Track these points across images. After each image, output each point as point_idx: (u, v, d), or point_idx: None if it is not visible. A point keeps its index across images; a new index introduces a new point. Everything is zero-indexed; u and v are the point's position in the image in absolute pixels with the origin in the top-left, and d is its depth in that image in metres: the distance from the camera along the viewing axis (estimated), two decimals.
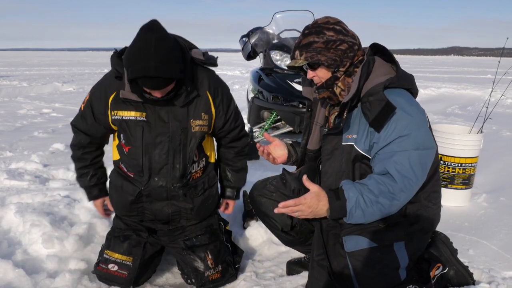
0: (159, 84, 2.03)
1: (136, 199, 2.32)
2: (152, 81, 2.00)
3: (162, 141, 2.25)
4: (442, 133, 3.69)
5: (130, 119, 2.23)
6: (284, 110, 4.96)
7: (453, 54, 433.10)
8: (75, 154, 2.47)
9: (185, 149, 2.28)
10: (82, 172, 2.49)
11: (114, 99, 2.24)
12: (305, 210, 1.91)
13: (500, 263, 2.71)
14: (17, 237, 2.77)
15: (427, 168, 1.91)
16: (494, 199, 3.85)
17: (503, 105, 10.59)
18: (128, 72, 2.03)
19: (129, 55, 2.00)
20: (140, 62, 1.95)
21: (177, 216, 2.39)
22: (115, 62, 2.20)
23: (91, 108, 2.31)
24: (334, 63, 1.95)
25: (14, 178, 3.90)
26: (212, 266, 2.42)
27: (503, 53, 4.46)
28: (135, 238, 2.41)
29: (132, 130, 2.24)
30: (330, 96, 2.04)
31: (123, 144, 2.30)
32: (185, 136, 2.27)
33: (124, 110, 2.23)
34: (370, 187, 1.85)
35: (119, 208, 2.44)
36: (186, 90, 2.19)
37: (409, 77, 2.01)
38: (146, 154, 2.25)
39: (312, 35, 1.97)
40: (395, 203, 1.85)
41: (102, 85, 2.30)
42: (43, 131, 6.66)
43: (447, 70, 31.37)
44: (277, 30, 5.73)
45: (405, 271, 1.95)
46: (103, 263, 2.39)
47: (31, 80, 16.18)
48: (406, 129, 1.84)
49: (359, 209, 1.85)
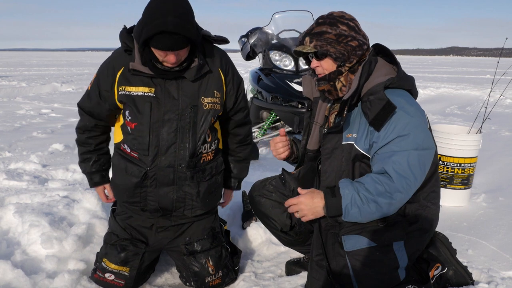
0: (177, 43, 1.95)
1: (140, 182, 2.21)
2: (171, 38, 1.92)
3: (170, 118, 2.16)
4: (441, 133, 3.69)
5: (138, 95, 2.15)
6: (283, 110, 4.96)
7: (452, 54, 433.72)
8: (79, 137, 2.40)
9: (195, 127, 2.20)
10: (85, 157, 2.42)
11: (122, 74, 2.18)
12: (303, 209, 1.96)
13: (499, 263, 2.71)
14: (16, 237, 2.77)
15: (426, 168, 1.91)
16: (493, 199, 3.86)
17: (502, 105, 10.62)
18: (144, 32, 1.95)
19: (145, 15, 1.96)
20: (158, 18, 1.90)
21: (181, 204, 2.28)
22: (125, 36, 2.17)
23: (98, 85, 2.25)
24: (342, 57, 1.96)
25: (13, 179, 3.89)
26: (212, 272, 2.39)
27: (502, 53, 4.47)
28: (133, 250, 2.33)
29: (139, 106, 2.16)
30: (330, 90, 2.05)
31: (128, 122, 2.20)
32: (195, 114, 2.19)
33: (132, 86, 2.16)
34: (366, 185, 1.86)
35: (121, 193, 2.34)
36: (198, 64, 2.14)
37: (409, 79, 2.02)
38: (153, 132, 2.16)
39: (326, 25, 1.98)
40: (392, 202, 1.85)
41: (110, 62, 2.24)
42: (42, 131, 6.66)
43: (446, 70, 31.41)
44: (276, 30, 5.74)
45: (404, 271, 1.95)
46: (100, 271, 2.34)
47: (30, 81, 16.17)
48: (406, 129, 1.84)
49: (355, 207, 1.85)
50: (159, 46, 1.97)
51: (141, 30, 1.97)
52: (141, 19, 2.01)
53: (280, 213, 2.36)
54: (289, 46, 5.43)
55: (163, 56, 2.03)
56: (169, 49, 1.98)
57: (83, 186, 3.64)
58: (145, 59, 2.08)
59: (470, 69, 35.41)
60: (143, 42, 1.99)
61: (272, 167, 4.69)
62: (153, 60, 2.08)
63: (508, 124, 7.84)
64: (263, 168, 4.48)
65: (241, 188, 2.73)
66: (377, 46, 2.06)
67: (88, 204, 3.07)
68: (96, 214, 2.99)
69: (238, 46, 5.82)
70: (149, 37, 1.94)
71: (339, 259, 1.96)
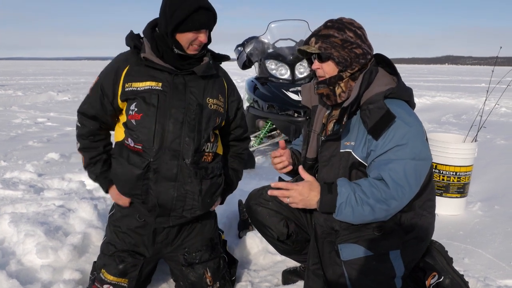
0: (212, 18, 2.11)
1: (143, 174, 2.15)
2: (207, 14, 2.08)
3: (176, 112, 2.16)
4: (436, 142, 3.70)
5: (145, 89, 2.15)
6: (279, 119, 4.96)
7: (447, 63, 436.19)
8: (84, 144, 2.32)
9: (200, 125, 2.20)
10: (94, 160, 2.33)
11: (127, 72, 2.18)
12: (296, 197, 1.95)
13: (495, 271, 2.72)
14: (11, 247, 2.75)
15: (422, 178, 1.92)
16: (489, 208, 3.86)
17: (497, 113, 10.67)
18: (175, 16, 2.05)
19: (170, 2, 2.07)
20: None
21: (181, 203, 2.21)
22: (132, 36, 2.24)
23: (101, 88, 2.22)
24: (344, 62, 1.97)
25: (9, 188, 3.88)
26: (210, 283, 2.38)
27: (496, 62, 4.50)
28: (131, 261, 2.30)
29: (147, 98, 2.15)
30: (328, 94, 2.05)
31: (133, 115, 2.16)
32: (200, 112, 2.20)
33: (138, 82, 2.17)
34: (363, 187, 1.87)
35: (121, 184, 2.26)
36: (207, 62, 2.22)
37: (408, 90, 2.04)
38: (159, 123, 2.14)
39: (333, 29, 2.00)
40: (385, 208, 1.85)
41: (114, 65, 2.24)
42: (38, 140, 6.63)
43: (441, 79, 31.58)
44: (272, 39, 5.77)
45: (401, 280, 1.95)
46: (98, 283, 2.31)
47: (26, 89, 16.15)
48: (404, 138, 1.85)
49: (349, 206, 1.86)
50: (196, 25, 2.08)
51: (171, 17, 2.06)
52: (165, 8, 2.09)
53: (277, 222, 2.36)
54: (285, 55, 5.46)
55: (192, 39, 2.12)
56: (205, 25, 2.10)
57: (79, 196, 3.63)
58: (167, 49, 2.15)
59: (465, 77, 35.61)
60: (174, 27, 2.07)
61: (269, 176, 4.69)
62: (176, 49, 2.15)
63: (503, 132, 7.88)
64: (259, 177, 4.48)
65: (236, 197, 2.72)
66: (378, 56, 2.08)
67: (84, 213, 3.06)
68: (92, 224, 2.98)
69: (234, 55, 5.84)
70: (184, 19, 2.04)
71: (335, 268, 1.96)
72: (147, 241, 2.33)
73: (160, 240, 2.34)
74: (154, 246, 2.34)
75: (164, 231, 2.33)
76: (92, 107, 2.27)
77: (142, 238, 2.33)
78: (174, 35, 2.11)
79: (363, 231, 1.96)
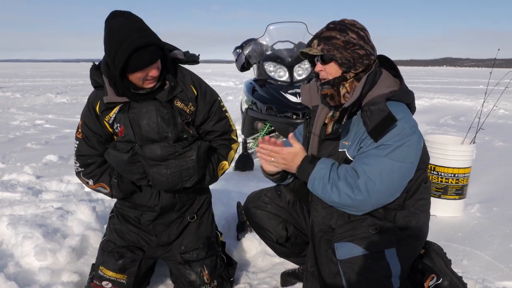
0: (153, 54, 2.01)
1: (131, 157, 2.18)
2: (145, 52, 1.97)
3: (149, 110, 2.17)
4: (435, 144, 3.71)
5: (116, 115, 2.21)
6: (278, 121, 4.96)
7: (445, 65, 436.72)
8: (95, 172, 2.33)
9: (174, 119, 2.21)
10: (116, 180, 2.33)
11: (99, 108, 2.22)
12: (279, 161, 2.08)
13: (494, 273, 2.72)
14: (9, 249, 2.75)
15: (402, 180, 1.93)
16: (487, 209, 3.86)
17: (495, 115, 10.68)
18: (117, 61, 1.97)
19: (109, 45, 1.98)
20: (124, 41, 1.93)
21: (177, 179, 2.21)
22: (93, 73, 2.22)
23: (88, 127, 2.27)
24: (347, 63, 1.97)
25: (7, 190, 3.88)
26: (208, 281, 2.39)
27: (494, 64, 4.51)
28: (130, 256, 2.35)
29: (122, 116, 2.19)
30: (333, 95, 2.05)
31: (119, 130, 2.22)
32: (172, 108, 2.21)
33: (111, 111, 2.21)
34: (339, 170, 1.93)
35: (121, 172, 2.29)
36: (169, 86, 2.18)
37: (410, 93, 2.04)
38: (135, 124, 2.18)
39: (336, 31, 2.00)
40: (350, 195, 1.87)
41: (88, 104, 2.28)
42: (36, 142, 6.63)
43: (439, 81, 31.60)
44: (270, 41, 5.76)
45: (398, 280, 1.95)
46: (97, 280, 2.33)
47: (24, 91, 16.14)
48: (391, 140, 1.86)
49: (320, 182, 1.94)
50: (139, 65, 2.00)
51: (113, 62, 2.00)
52: (107, 52, 2.02)
53: (276, 225, 2.36)
54: (283, 57, 5.46)
55: (143, 76, 2.06)
56: (149, 63, 2.01)
57: (77, 198, 3.63)
58: (123, 89, 2.11)
59: (464, 79, 35.66)
60: (120, 71, 2.01)
61: (266, 179, 4.68)
62: (132, 89, 2.12)
63: (501, 134, 7.88)
64: (258, 179, 4.48)
65: (234, 199, 2.72)
66: (382, 57, 2.08)
67: (82, 215, 3.06)
68: (90, 226, 2.98)
69: (233, 57, 5.84)
70: (125, 62, 1.96)
71: (331, 266, 1.98)
72: (147, 238, 2.39)
73: (161, 241, 2.40)
74: (155, 238, 2.39)
75: (164, 232, 2.39)
76: (89, 146, 2.30)
77: (142, 235, 2.40)
78: (124, 77, 2.06)
79: (359, 229, 1.97)
